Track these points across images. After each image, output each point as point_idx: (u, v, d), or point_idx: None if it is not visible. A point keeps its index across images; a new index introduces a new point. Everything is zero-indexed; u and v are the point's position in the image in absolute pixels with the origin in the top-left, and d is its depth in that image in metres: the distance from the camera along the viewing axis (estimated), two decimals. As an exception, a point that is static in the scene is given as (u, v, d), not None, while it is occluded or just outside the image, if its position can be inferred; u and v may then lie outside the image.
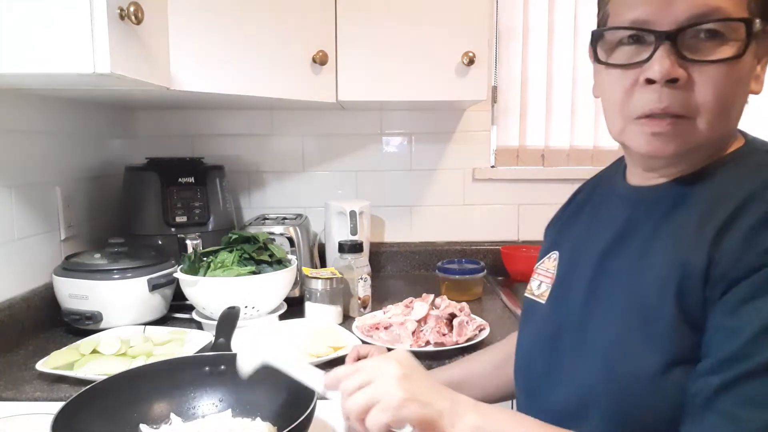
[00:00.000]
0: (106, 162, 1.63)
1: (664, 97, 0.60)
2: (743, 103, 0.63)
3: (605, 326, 0.67)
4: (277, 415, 0.81)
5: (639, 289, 0.64)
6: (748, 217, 0.57)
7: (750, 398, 0.53)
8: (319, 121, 1.83)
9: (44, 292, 1.27)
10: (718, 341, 0.56)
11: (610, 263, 0.69)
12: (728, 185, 0.61)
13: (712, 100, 0.59)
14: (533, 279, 0.84)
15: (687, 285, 0.59)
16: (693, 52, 0.59)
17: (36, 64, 0.89)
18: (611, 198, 0.76)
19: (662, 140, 0.62)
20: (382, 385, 0.60)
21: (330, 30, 1.42)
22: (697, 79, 0.59)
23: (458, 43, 1.43)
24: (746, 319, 0.54)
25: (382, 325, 1.22)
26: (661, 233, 0.64)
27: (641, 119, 0.62)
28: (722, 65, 0.58)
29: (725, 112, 0.61)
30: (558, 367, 0.73)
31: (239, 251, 1.26)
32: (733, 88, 0.60)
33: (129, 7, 0.91)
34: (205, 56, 1.18)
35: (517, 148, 1.89)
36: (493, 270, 1.79)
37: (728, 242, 0.57)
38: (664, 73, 0.58)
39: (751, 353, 0.53)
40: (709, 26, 0.58)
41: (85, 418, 0.73)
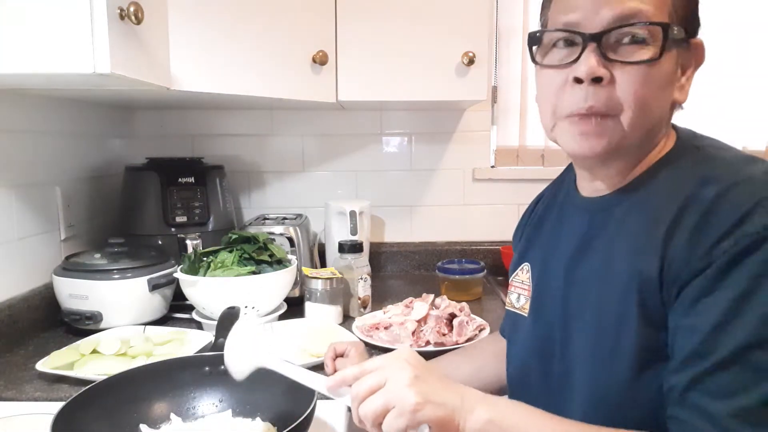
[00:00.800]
0: (106, 162, 1.63)
1: (590, 96, 0.63)
2: (665, 107, 0.66)
3: (581, 340, 0.70)
4: (277, 415, 0.81)
5: (605, 297, 0.66)
6: (688, 219, 0.60)
7: (715, 391, 0.56)
8: (319, 121, 1.83)
9: (44, 292, 1.27)
10: (680, 340, 0.59)
11: (577, 273, 0.72)
12: (667, 189, 0.64)
13: (632, 98, 0.63)
14: (511, 292, 0.87)
15: (645, 290, 0.62)
16: (615, 54, 0.63)
17: (36, 64, 0.89)
18: (569, 208, 0.79)
19: (589, 139, 0.65)
20: (396, 388, 0.61)
21: (330, 30, 1.42)
22: (619, 78, 0.63)
23: (458, 43, 1.43)
24: (701, 317, 0.57)
25: (382, 325, 1.22)
26: (618, 242, 0.67)
27: (570, 118, 0.66)
28: (641, 66, 0.62)
29: (645, 110, 0.64)
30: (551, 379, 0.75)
31: (239, 251, 1.26)
32: (651, 88, 0.63)
33: (129, 7, 0.91)
34: (205, 56, 1.18)
35: (517, 148, 1.89)
36: (493, 270, 1.79)
37: (675, 245, 0.60)
38: (589, 72, 0.62)
39: (711, 349, 0.56)
40: (631, 30, 0.62)
41: (85, 418, 0.73)
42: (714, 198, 0.59)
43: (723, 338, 0.55)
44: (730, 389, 0.55)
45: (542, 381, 0.76)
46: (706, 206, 0.59)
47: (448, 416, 0.60)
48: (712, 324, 0.56)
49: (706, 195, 0.59)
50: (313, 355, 1.08)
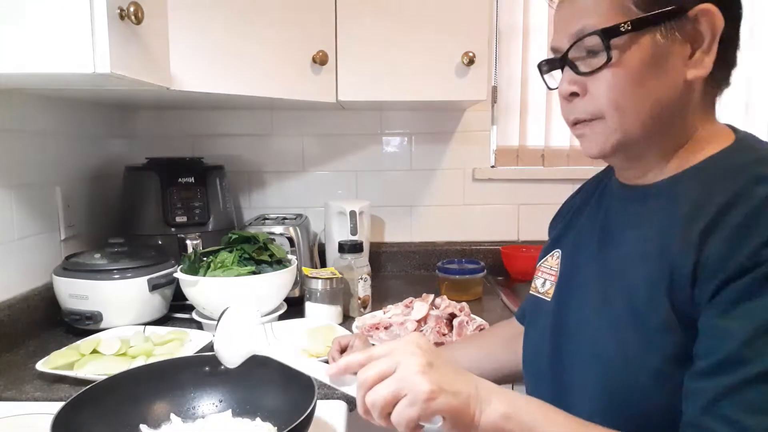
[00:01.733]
0: (106, 162, 1.63)
1: (572, 109, 0.70)
2: (659, 94, 0.65)
3: (603, 330, 0.68)
4: (277, 415, 0.81)
5: (632, 289, 0.65)
6: (733, 217, 0.57)
7: (751, 404, 0.53)
8: (319, 121, 1.83)
9: (44, 292, 1.27)
10: (713, 343, 0.56)
11: (607, 262, 0.71)
12: (715, 183, 0.62)
13: (606, 102, 0.66)
14: (537, 277, 0.86)
15: (676, 285, 0.60)
16: (584, 67, 0.67)
17: (36, 64, 0.89)
18: (608, 196, 0.79)
19: (586, 142, 0.70)
20: (407, 375, 0.57)
21: (330, 30, 1.42)
22: (591, 88, 0.67)
23: (458, 43, 1.43)
24: (739, 321, 0.54)
25: (382, 325, 1.22)
26: (651, 230, 0.66)
27: (571, 127, 0.73)
28: (603, 72, 0.65)
29: (624, 108, 0.65)
30: (563, 366, 0.73)
31: (239, 251, 1.26)
32: (622, 87, 0.65)
33: (129, 7, 0.91)
34: (206, 56, 1.18)
35: (517, 148, 1.89)
36: (493, 270, 1.79)
37: (715, 242, 0.57)
38: (563, 91, 0.70)
39: (749, 357, 0.53)
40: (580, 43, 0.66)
41: (85, 418, 0.73)
42: (766, 197, 0.56)
43: (763, 348, 0.53)
44: (764, 405, 0.52)
45: (553, 369, 0.75)
46: (756, 204, 0.56)
47: (463, 406, 0.57)
48: (749, 332, 0.53)
49: (758, 193, 0.57)
50: (313, 355, 1.08)
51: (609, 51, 0.64)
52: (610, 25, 0.64)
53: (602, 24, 0.64)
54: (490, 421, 0.58)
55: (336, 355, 1.01)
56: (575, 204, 0.88)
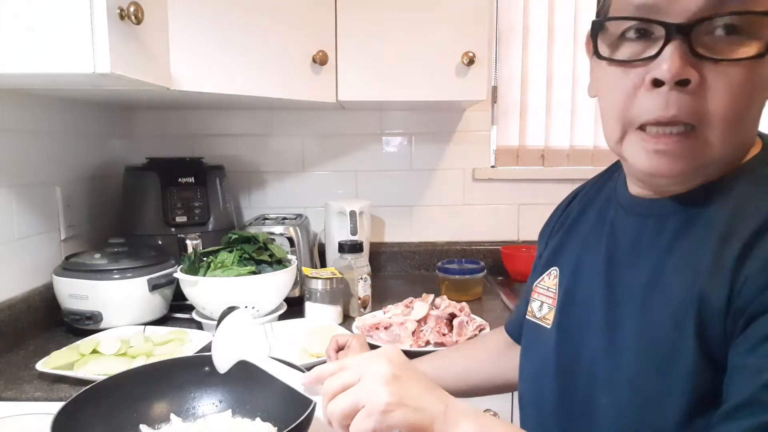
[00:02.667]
0: (106, 162, 1.63)
1: (672, 102, 0.51)
2: (761, 110, 0.55)
3: (617, 368, 0.59)
4: (277, 415, 0.81)
5: (652, 323, 0.56)
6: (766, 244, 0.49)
7: None
8: (319, 121, 1.83)
9: (44, 292, 1.27)
10: (739, 382, 0.49)
11: (619, 288, 0.62)
12: (748, 201, 0.53)
13: (727, 107, 0.51)
14: (533, 299, 0.77)
15: (706, 318, 0.52)
16: (708, 50, 0.50)
17: (36, 64, 0.89)
18: (614, 208, 0.67)
19: (667, 159, 0.54)
20: (369, 386, 0.53)
21: (330, 30, 1.42)
22: (712, 81, 0.50)
23: (458, 43, 1.43)
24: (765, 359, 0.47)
25: (382, 325, 1.22)
26: (674, 255, 0.56)
27: (643, 130, 0.54)
28: (741, 66, 0.50)
29: (740, 121, 0.52)
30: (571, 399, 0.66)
31: (239, 251, 1.26)
32: (750, 93, 0.51)
33: (129, 7, 0.91)
34: (205, 56, 1.18)
35: (517, 148, 1.89)
36: (493, 270, 1.79)
37: (750, 269, 0.49)
38: (675, 73, 0.50)
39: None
40: (728, 20, 0.49)
41: (85, 418, 0.73)
42: None
43: None
44: None
45: (559, 402, 0.67)
46: None
47: (424, 424, 0.53)
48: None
49: None
50: (313, 355, 1.08)
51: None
52: (765, 6, 0.49)
53: (761, 3, 0.49)
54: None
55: (332, 353, 1.00)
56: (571, 213, 0.77)
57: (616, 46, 0.55)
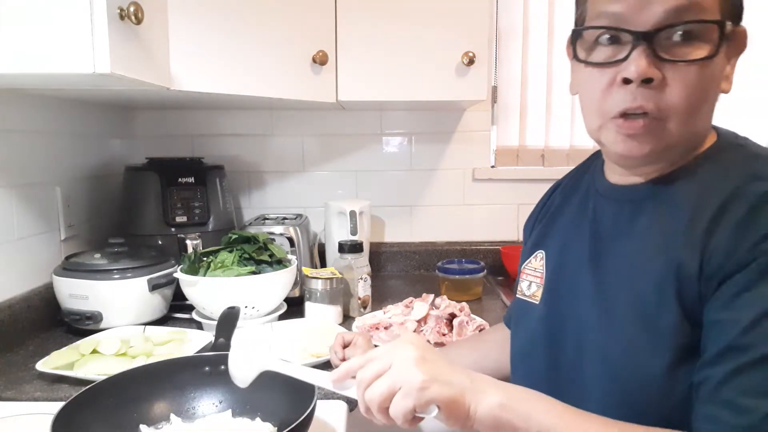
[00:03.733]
0: (106, 162, 1.63)
1: (639, 96, 0.61)
2: (714, 102, 0.65)
3: (607, 329, 0.67)
4: (277, 415, 0.81)
5: (638, 289, 0.64)
6: (733, 213, 0.58)
7: (752, 388, 0.54)
8: (319, 121, 1.83)
9: (44, 292, 1.27)
10: (716, 334, 0.57)
11: (605, 263, 0.70)
12: (711, 182, 0.62)
13: (684, 99, 0.61)
14: (522, 280, 0.84)
15: (683, 282, 0.60)
16: (668, 53, 0.60)
17: (36, 64, 0.89)
18: (594, 196, 0.76)
19: (637, 141, 0.64)
20: (402, 369, 0.58)
21: (330, 30, 1.42)
22: (671, 79, 0.61)
23: (458, 43, 1.43)
24: (741, 311, 0.56)
25: (382, 325, 1.22)
26: (652, 232, 0.65)
27: (617, 119, 0.64)
28: (695, 66, 0.60)
29: (696, 111, 0.62)
30: (560, 368, 0.73)
31: (239, 251, 1.26)
32: (704, 88, 0.62)
33: (129, 7, 0.91)
34: (205, 56, 1.18)
35: (517, 148, 1.89)
36: (493, 270, 1.79)
37: (717, 239, 0.58)
38: (640, 73, 0.60)
39: (750, 343, 0.54)
40: (684, 28, 0.59)
41: (85, 418, 0.73)
42: (763, 194, 0.58)
43: (763, 334, 0.54)
44: (766, 388, 0.53)
45: (548, 371, 0.74)
46: (755, 201, 0.57)
47: (457, 396, 0.58)
48: (750, 319, 0.55)
49: (754, 190, 0.58)
50: (313, 355, 1.08)
51: (720, 45, 0.60)
52: (714, 14, 0.60)
53: (708, 9, 0.59)
54: (486, 411, 0.59)
55: (338, 348, 1.01)
56: (554, 202, 0.85)
57: (592, 50, 0.66)
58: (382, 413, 0.59)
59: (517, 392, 0.62)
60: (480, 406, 0.59)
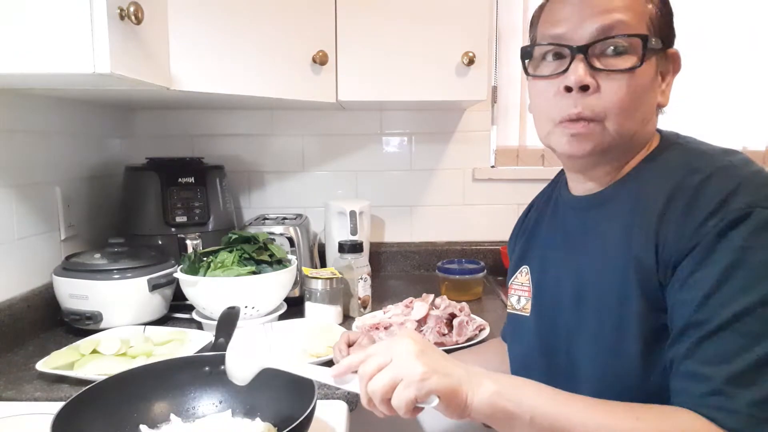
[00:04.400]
0: (106, 162, 1.63)
1: (579, 102, 0.69)
2: (649, 110, 0.72)
3: (586, 332, 0.73)
4: (277, 415, 0.81)
5: (606, 287, 0.70)
6: (676, 205, 0.65)
7: (710, 357, 0.59)
8: (319, 121, 1.83)
9: (44, 292, 1.27)
10: (677, 314, 0.63)
11: (576, 269, 0.76)
12: (656, 180, 0.69)
13: (616, 103, 0.68)
14: (511, 295, 0.90)
15: (643, 275, 0.66)
16: (601, 63, 0.69)
17: (36, 64, 0.89)
18: (562, 208, 0.84)
19: (579, 140, 0.71)
20: (402, 362, 0.62)
21: (330, 30, 1.42)
22: (604, 86, 0.69)
23: (458, 43, 1.43)
24: (694, 290, 0.61)
25: (382, 325, 1.22)
26: (612, 234, 0.71)
27: (562, 123, 0.71)
28: (624, 74, 0.68)
29: (628, 114, 0.69)
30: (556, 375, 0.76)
31: (239, 251, 1.26)
32: (634, 94, 0.69)
33: (129, 7, 0.91)
34: (205, 56, 1.18)
35: (517, 148, 1.89)
36: (493, 270, 1.79)
37: (666, 230, 0.65)
38: (578, 81, 0.68)
39: (705, 318, 0.60)
40: (614, 41, 0.68)
41: (85, 418, 0.73)
42: (698, 184, 0.64)
43: (714, 307, 0.59)
44: (724, 355, 0.58)
45: (547, 377, 0.76)
46: (692, 192, 0.64)
47: (455, 386, 0.61)
48: (703, 295, 0.60)
49: (692, 182, 0.64)
50: (313, 355, 1.08)
51: (644, 57, 0.68)
52: (641, 30, 0.68)
53: (637, 28, 0.68)
54: (482, 399, 0.62)
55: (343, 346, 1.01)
56: (531, 219, 0.93)
57: (538, 66, 0.76)
58: (384, 404, 0.62)
59: (510, 380, 0.67)
60: (476, 396, 0.62)
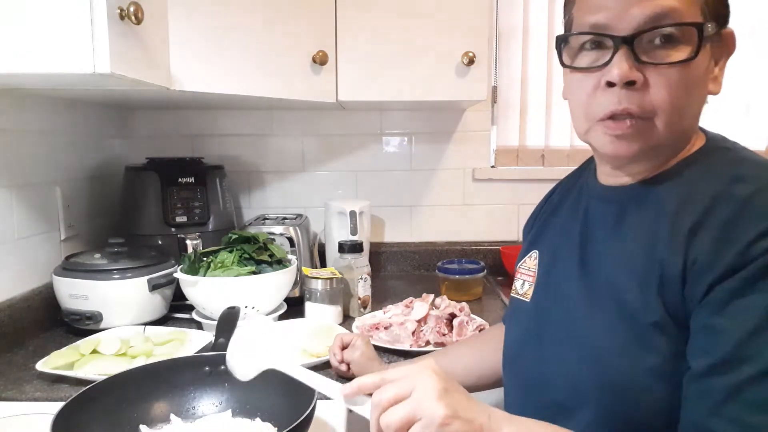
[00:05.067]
0: (106, 162, 1.63)
1: (623, 98, 0.63)
2: (700, 103, 0.66)
3: (592, 322, 0.68)
4: (277, 415, 0.81)
5: (621, 285, 0.65)
6: (718, 216, 0.58)
7: (754, 403, 0.53)
8: (319, 121, 1.83)
9: (44, 292, 1.27)
10: (708, 341, 0.57)
11: (591, 262, 0.71)
12: (696, 184, 0.63)
13: (667, 100, 0.62)
14: (516, 279, 0.86)
15: (666, 285, 0.61)
16: (649, 56, 0.62)
17: (36, 64, 0.89)
18: (586, 197, 0.78)
19: (624, 141, 0.65)
20: (423, 400, 0.56)
21: (330, 30, 1.42)
22: (653, 81, 0.62)
23: (458, 43, 1.43)
24: (733, 320, 0.55)
25: (382, 325, 1.22)
26: (637, 233, 0.66)
27: (604, 121, 0.65)
28: (676, 68, 0.62)
29: (680, 112, 0.63)
30: (548, 362, 0.74)
31: (239, 251, 1.26)
32: (686, 89, 0.63)
33: (129, 7, 0.91)
34: (205, 56, 1.18)
35: (517, 148, 1.89)
36: (493, 270, 1.79)
37: (702, 241, 0.58)
38: (622, 76, 0.62)
39: (749, 356, 0.54)
40: (664, 31, 0.61)
41: (85, 418, 0.73)
42: (748, 196, 0.57)
43: (762, 346, 0.53)
44: None
45: (538, 365, 0.75)
46: (740, 204, 0.57)
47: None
48: (748, 330, 0.54)
49: (740, 193, 0.58)
50: (313, 355, 1.08)
51: (699, 48, 0.61)
52: (694, 19, 0.61)
53: (690, 14, 0.61)
54: None
55: (337, 350, 1.01)
56: (553, 203, 0.87)
57: (576, 56, 0.68)
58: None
59: (530, 425, 0.62)
60: None
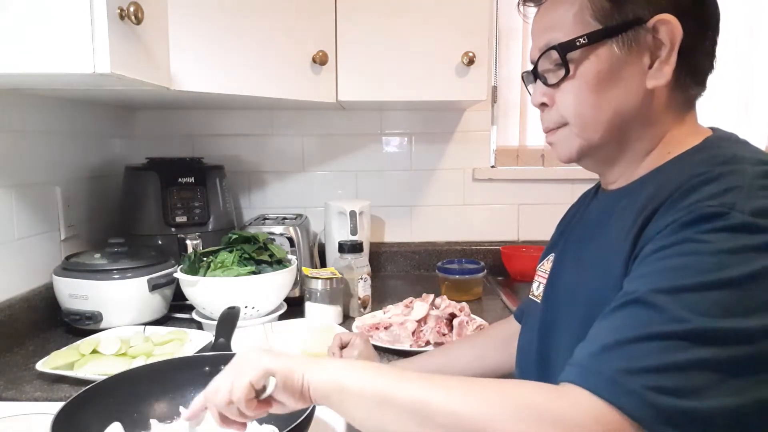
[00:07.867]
0: (106, 162, 1.63)
1: (543, 117, 0.76)
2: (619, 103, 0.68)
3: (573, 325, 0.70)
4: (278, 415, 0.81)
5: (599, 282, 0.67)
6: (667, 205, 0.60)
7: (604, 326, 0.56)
8: (319, 121, 1.83)
9: (44, 292, 1.27)
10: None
11: (581, 261, 0.75)
12: (666, 183, 0.64)
13: (570, 111, 0.71)
14: (534, 281, 0.88)
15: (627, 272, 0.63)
16: (549, 80, 0.72)
17: (36, 64, 0.89)
18: (591, 202, 0.84)
19: (556, 148, 0.76)
20: (236, 361, 0.64)
21: (330, 30, 1.42)
22: (558, 98, 0.72)
23: (458, 43, 1.43)
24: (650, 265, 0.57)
25: (382, 325, 1.22)
26: (615, 229, 0.69)
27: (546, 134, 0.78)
28: (565, 84, 0.70)
29: (585, 117, 0.70)
30: (551, 361, 0.76)
31: (239, 251, 1.26)
32: (583, 97, 0.69)
33: (129, 7, 0.91)
34: (205, 56, 1.18)
35: (517, 148, 1.89)
36: (493, 270, 1.79)
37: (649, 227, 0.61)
38: (534, 103, 0.76)
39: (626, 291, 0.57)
40: (547, 58, 0.71)
41: (85, 418, 0.73)
42: (697, 183, 0.59)
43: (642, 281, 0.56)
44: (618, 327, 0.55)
45: (542, 362, 0.77)
46: (685, 191, 0.59)
47: (290, 365, 0.61)
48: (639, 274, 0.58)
49: (692, 182, 0.59)
50: (313, 355, 1.08)
51: (567, 65, 0.69)
52: (573, 34, 0.68)
53: (565, 38, 0.69)
54: (320, 378, 0.60)
55: (336, 350, 1.01)
56: (572, 211, 0.91)
57: None
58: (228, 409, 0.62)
59: (355, 362, 0.66)
60: (314, 375, 0.61)
